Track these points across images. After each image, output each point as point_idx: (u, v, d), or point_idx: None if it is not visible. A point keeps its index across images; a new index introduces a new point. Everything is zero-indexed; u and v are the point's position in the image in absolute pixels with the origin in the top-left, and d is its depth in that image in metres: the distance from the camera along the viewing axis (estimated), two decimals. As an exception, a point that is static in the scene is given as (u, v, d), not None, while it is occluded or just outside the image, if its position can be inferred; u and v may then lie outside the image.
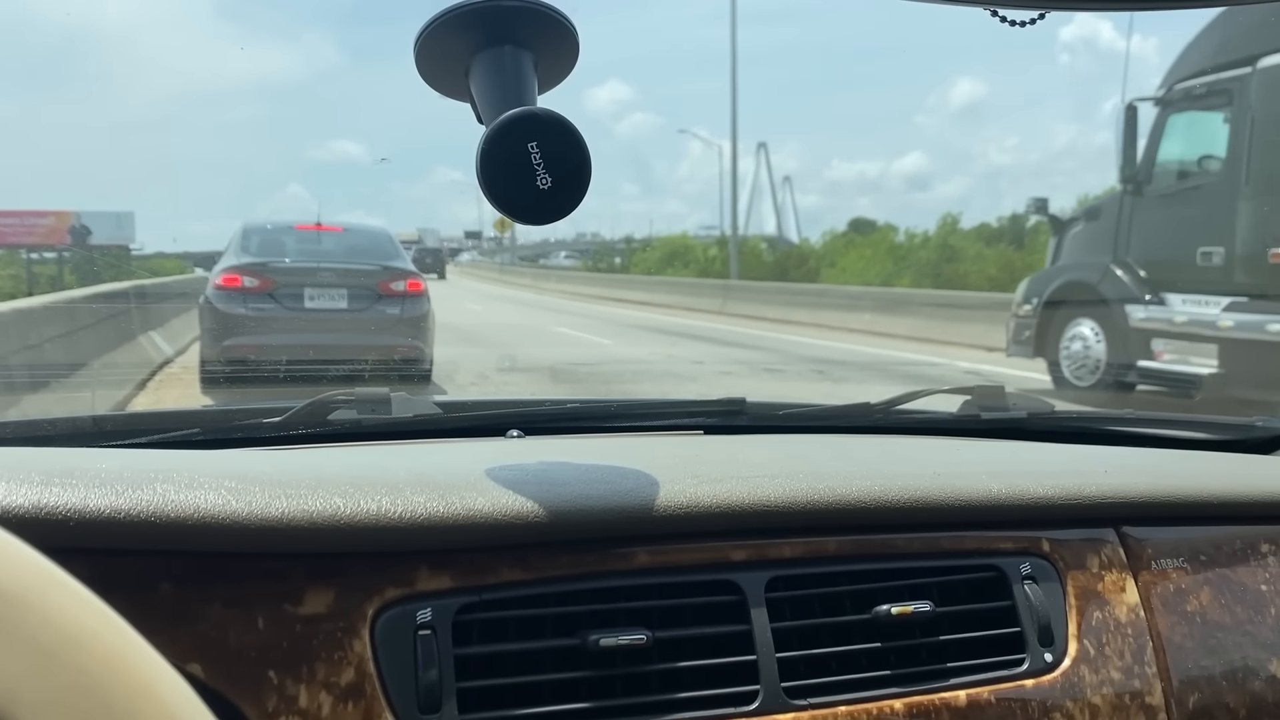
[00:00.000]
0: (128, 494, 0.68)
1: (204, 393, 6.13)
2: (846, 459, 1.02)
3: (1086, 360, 7.14)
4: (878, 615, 0.84)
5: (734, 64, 21.16)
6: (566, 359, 9.48)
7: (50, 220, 27.01)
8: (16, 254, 26.31)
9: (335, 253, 7.29)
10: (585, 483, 0.80)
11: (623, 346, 11.69)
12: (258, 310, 6.40)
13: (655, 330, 14.34)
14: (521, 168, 0.68)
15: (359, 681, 0.70)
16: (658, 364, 9.58)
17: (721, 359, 10.24)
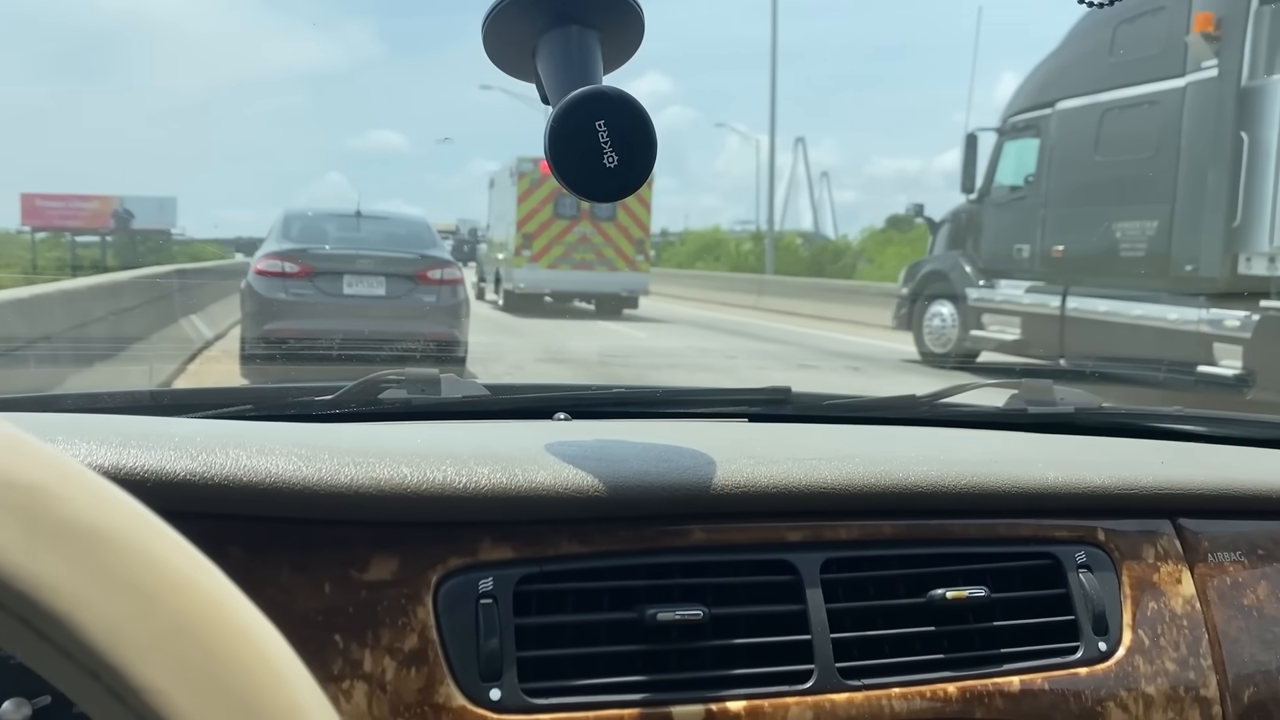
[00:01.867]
0: (202, 458, 0.70)
1: (243, 374, 6.34)
2: (900, 446, 1.02)
3: (943, 333, 9.19)
4: (932, 599, 0.84)
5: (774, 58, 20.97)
6: (602, 350, 9.51)
7: (94, 204, 27.46)
8: (61, 237, 26.76)
9: (374, 240, 7.39)
10: (644, 460, 0.81)
11: (657, 339, 11.66)
12: (297, 295, 6.53)
13: (688, 323, 14.23)
14: (588, 146, 0.68)
15: (422, 648, 0.72)
16: (691, 357, 9.53)
17: (755, 353, 10.18)
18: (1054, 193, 8.10)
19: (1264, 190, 6.51)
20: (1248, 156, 6.57)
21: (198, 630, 0.29)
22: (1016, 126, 8.59)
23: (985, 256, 8.88)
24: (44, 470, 0.30)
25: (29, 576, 0.28)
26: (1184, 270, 7.02)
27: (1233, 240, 6.71)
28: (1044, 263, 8.17)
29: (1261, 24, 6.65)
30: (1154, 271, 7.21)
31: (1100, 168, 7.76)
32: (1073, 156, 8.00)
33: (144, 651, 0.28)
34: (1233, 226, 6.70)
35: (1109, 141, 7.66)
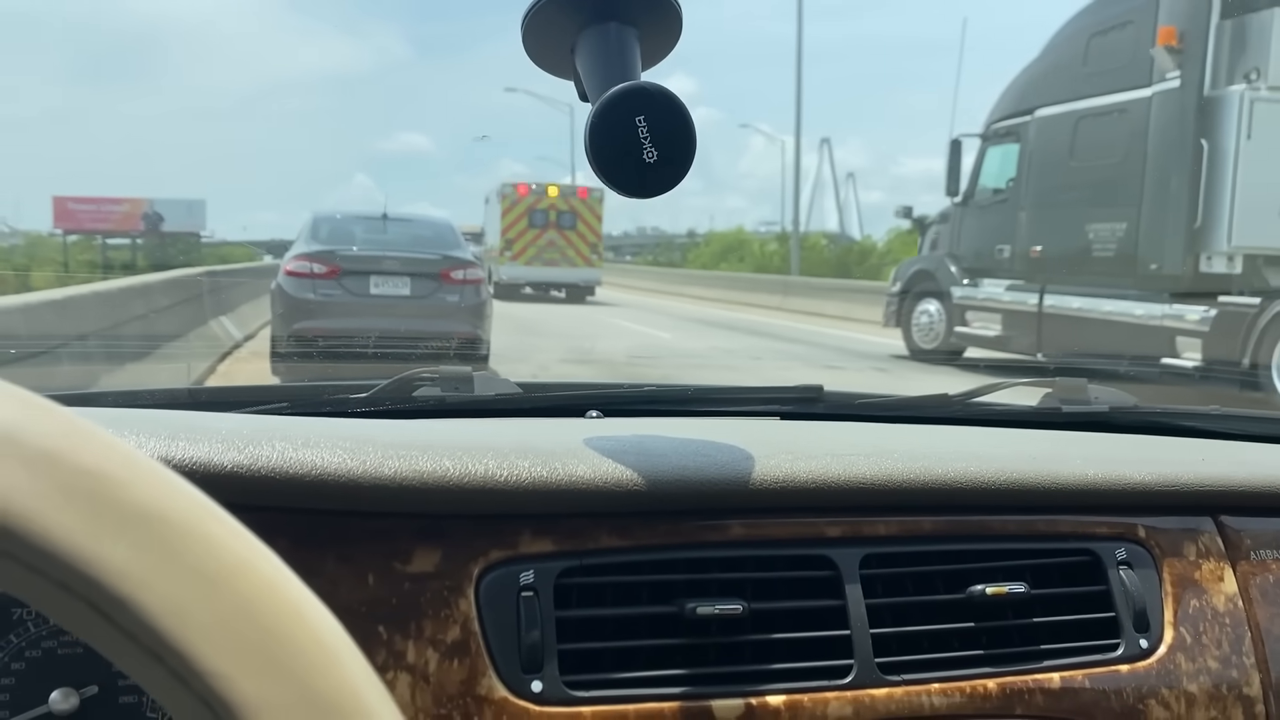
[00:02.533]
0: (249, 450, 0.70)
1: (274, 372, 6.39)
2: (936, 443, 1.02)
3: (930, 329, 9.70)
4: (971, 595, 0.84)
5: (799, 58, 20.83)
6: (627, 351, 9.49)
7: (125, 207, 27.74)
8: (92, 239, 27.08)
9: (400, 242, 7.58)
10: (682, 455, 0.81)
11: (681, 340, 11.60)
12: (325, 295, 6.73)
13: (713, 324, 14.19)
14: (628, 142, 0.69)
15: (464, 639, 0.72)
16: (716, 358, 9.49)
17: (780, 354, 10.13)
18: (1032, 196, 8.61)
19: (1222, 194, 6.99)
20: (1207, 162, 7.07)
21: (256, 613, 0.30)
22: (998, 132, 9.10)
23: (969, 256, 9.39)
24: (110, 457, 0.30)
25: (96, 560, 0.29)
26: (1150, 269, 7.48)
27: (1194, 241, 7.17)
28: (1023, 262, 8.69)
29: (1222, 37, 7.13)
30: (1123, 270, 7.68)
31: (1074, 172, 8.21)
32: (1049, 161, 8.45)
33: (205, 634, 0.29)
34: (1194, 228, 7.15)
35: (1082, 147, 8.15)
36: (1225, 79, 7.12)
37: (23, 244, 22.12)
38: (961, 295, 9.26)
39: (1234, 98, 6.99)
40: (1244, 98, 6.94)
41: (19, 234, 23.52)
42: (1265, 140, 6.91)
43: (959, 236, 9.56)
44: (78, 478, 0.29)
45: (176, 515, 0.30)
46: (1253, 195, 6.97)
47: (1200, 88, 7.13)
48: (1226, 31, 7.13)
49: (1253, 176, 6.96)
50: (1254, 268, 7.16)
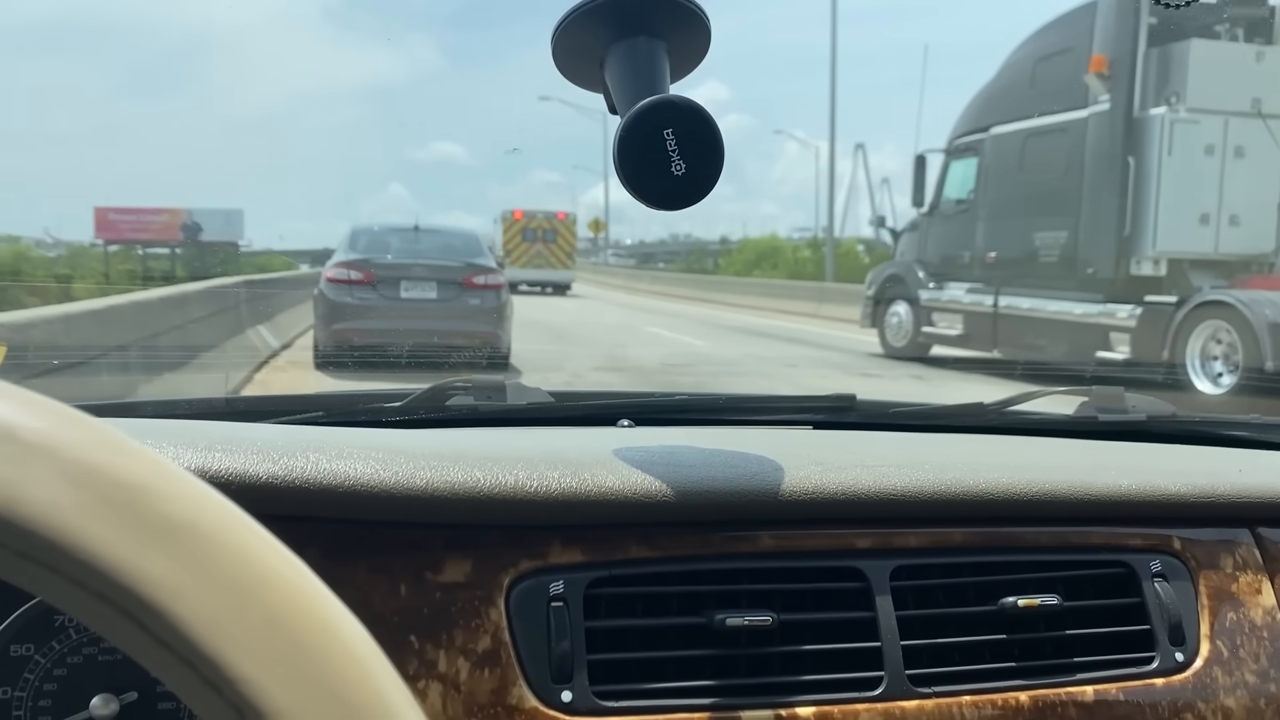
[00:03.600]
0: (283, 461, 0.72)
1: (317, 366, 7.39)
2: (969, 453, 1.01)
3: (900, 329, 10.59)
4: (1003, 607, 0.83)
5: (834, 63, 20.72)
6: (660, 359, 9.46)
7: (164, 217, 28.08)
8: (132, 249, 27.48)
9: (429, 250, 8.39)
10: (710, 466, 0.82)
11: (716, 347, 11.51)
12: (361, 299, 7.53)
13: (748, 332, 14.08)
14: (656, 154, 0.69)
15: (495, 649, 0.73)
16: (750, 365, 9.50)
17: (815, 361, 10.09)
18: (988, 206, 9.56)
19: (1147, 205, 7.97)
20: (1134, 177, 8.02)
21: (287, 623, 0.31)
22: (959, 148, 10.01)
23: (935, 262, 10.30)
24: (146, 470, 0.31)
25: (133, 570, 0.29)
26: (1087, 272, 8.42)
27: (1124, 247, 8.13)
28: (981, 267, 9.62)
29: (1149, 65, 8.04)
30: (1065, 274, 8.62)
31: (1024, 185, 9.14)
32: (1003, 175, 9.39)
33: (237, 642, 0.30)
34: (1123, 235, 8.10)
35: (1030, 163, 9.08)
36: (1150, 102, 8.02)
37: (65, 255, 22.46)
38: (927, 298, 10.18)
39: (1156, 119, 7.93)
40: (1165, 119, 7.85)
41: (61, 244, 23.87)
42: (1184, 157, 7.87)
43: (926, 244, 10.48)
44: (115, 490, 0.30)
45: (210, 527, 0.31)
46: (1174, 206, 7.92)
47: (1129, 110, 8.04)
48: (1153, 59, 8.01)
49: (1173, 189, 7.90)
50: (1179, 270, 8.05)
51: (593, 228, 41.60)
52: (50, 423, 0.31)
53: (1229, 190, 8.03)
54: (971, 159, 9.79)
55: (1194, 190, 7.94)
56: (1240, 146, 7.99)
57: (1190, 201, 7.94)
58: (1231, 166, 8.01)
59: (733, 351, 11.00)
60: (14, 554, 0.29)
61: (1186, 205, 7.94)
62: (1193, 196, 7.94)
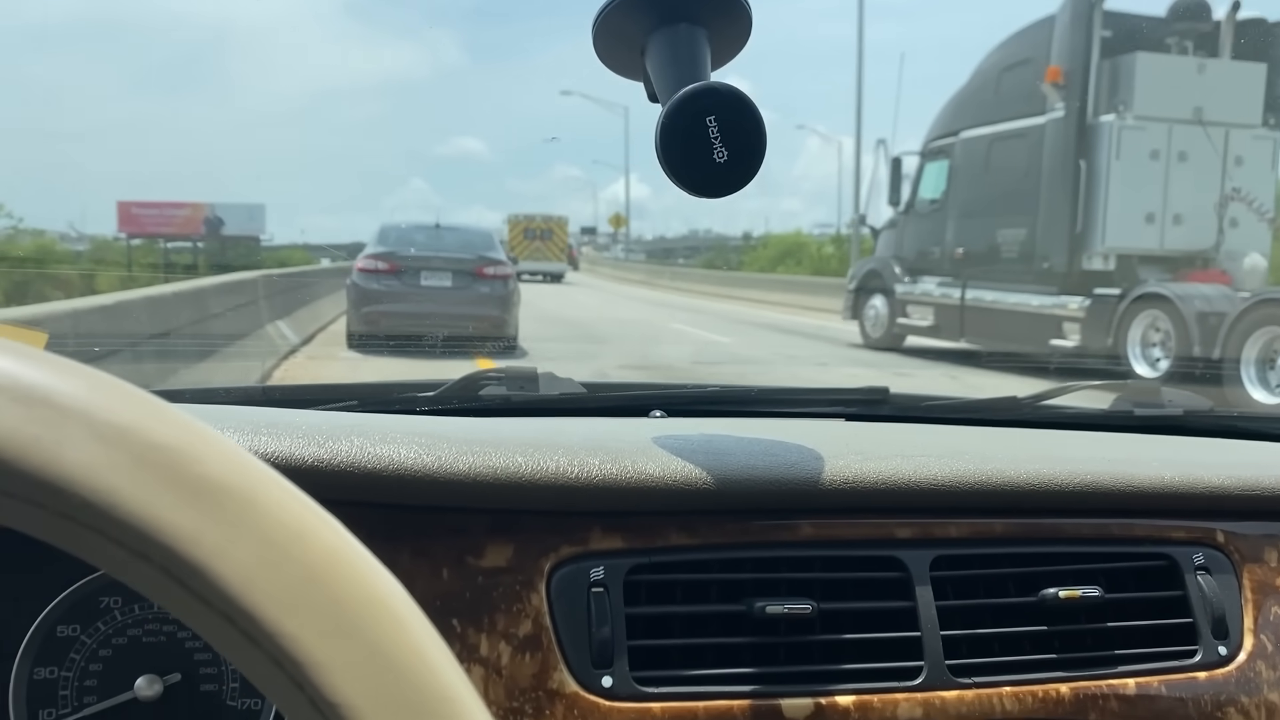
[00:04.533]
0: (328, 445, 0.70)
1: (350, 347, 8.17)
2: (1008, 445, 0.98)
3: (877, 321, 10.77)
4: (1044, 598, 0.80)
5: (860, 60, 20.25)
6: (688, 357, 9.16)
7: (186, 211, 27.73)
8: (155, 243, 27.12)
9: (447, 245, 9.24)
10: (750, 454, 0.79)
11: (742, 346, 10.99)
12: (386, 286, 8.42)
13: (774, 329, 13.40)
14: (699, 142, 0.66)
15: (536, 634, 0.71)
16: (779, 364, 9.14)
17: (845, 359, 9.77)
18: (957, 206, 9.81)
19: (1097, 205, 8.29)
20: (1085, 179, 8.32)
21: (321, 578, 0.31)
22: (932, 150, 10.26)
23: (910, 258, 10.50)
24: (182, 431, 0.31)
25: (170, 528, 0.29)
26: (1043, 267, 8.71)
27: (1075, 243, 8.43)
28: (950, 262, 9.84)
29: (1102, 75, 8.31)
30: (1024, 268, 8.94)
31: (989, 186, 9.42)
32: (970, 176, 9.67)
33: (275, 599, 0.30)
34: (1075, 233, 8.40)
35: (995, 165, 9.36)
36: (1101, 110, 8.32)
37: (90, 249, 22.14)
38: (902, 291, 10.42)
39: (1106, 126, 8.24)
40: (1114, 126, 8.18)
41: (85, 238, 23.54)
42: (1131, 161, 8.20)
43: (902, 241, 10.72)
44: (153, 451, 0.30)
45: (245, 486, 0.31)
46: (1122, 206, 8.24)
47: (1082, 117, 8.34)
48: (1105, 71, 8.29)
49: (1121, 190, 8.23)
50: (1127, 265, 8.38)
51: (613, 223, 41.87)
52: (81, 386, 0.30)
53: (1173, 191, 8.36)
54: (943, 161, 10.07)
55: (1140, 191, 8.28)
56: (1183, 151, 8.33)
57: (1137, 202, 8.28)
58: (1175, 170, 8.34)
59: (761, 349, 10.58)
60: (55, 514, 0.29)
61: (1133, 205, 8.28)
62: (1139, 197, 8.28)
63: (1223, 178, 8.23)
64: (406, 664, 0.30)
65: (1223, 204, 8.22)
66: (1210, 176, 8.22)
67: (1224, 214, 8.23)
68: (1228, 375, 6.94)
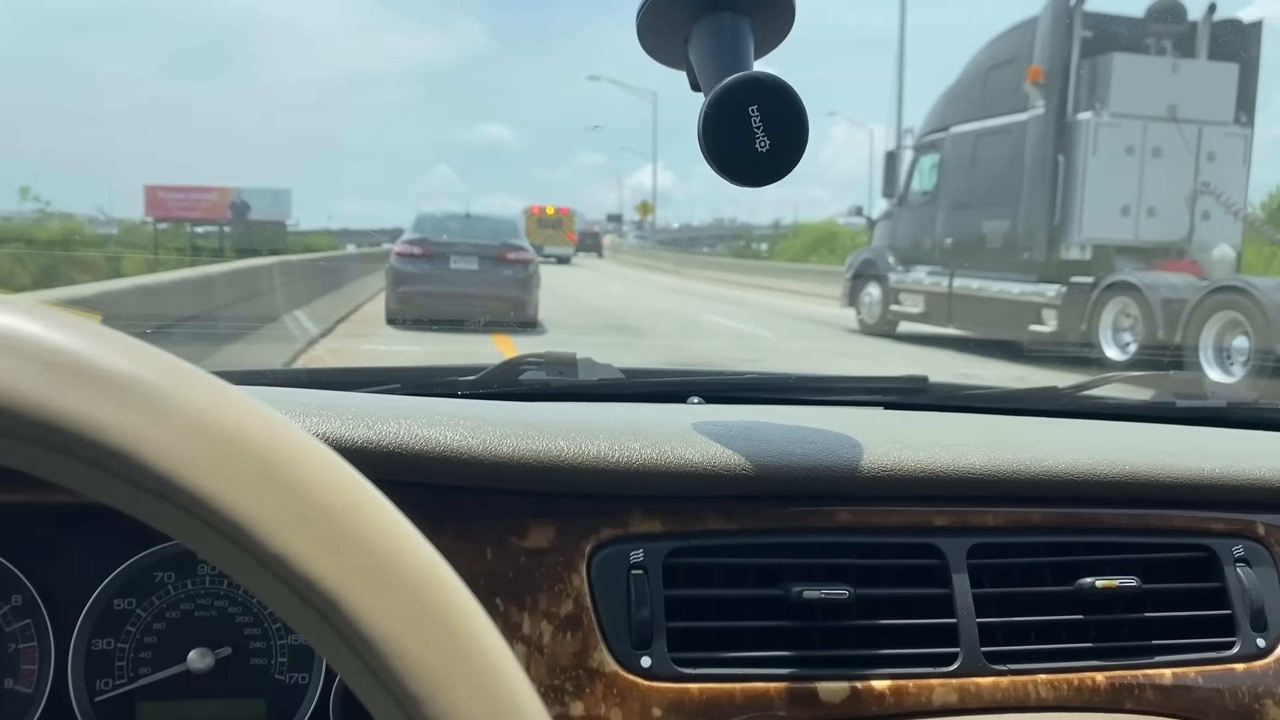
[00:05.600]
0: (377, 426, 0.70)
1: (387, 322, 9.02)
2: (1047, 434, 0.97)
3: (871, 308, 10.98)
4: (1081, 588, 0.79)
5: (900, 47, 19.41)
6: (728, 354, 8.77)
7: (213, 196, 27.49)
8: (182, 228, 26.89)
9: (475, 232, 10.06)
10: (788, 441, 0.78)
11: (785, 339, 10.55)
12: (420, 268, 9.37)
13: (815, 321, 12.58)
14: (741, 131, 0.64)
15: (577, 614, 0.71)
16: (826, 360, 8.70)
17: (900, 357, 9.33)
18: (947, 198, 10.05)
19: (1074, 198, 8.49)
20: (1064, 173, 8.52)
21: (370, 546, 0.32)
22: (925, 144, 10.51)
23: (904, 248, 10.76)
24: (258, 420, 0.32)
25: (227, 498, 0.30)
26: (1023, 257, 8.96)
27: (1054, 234, 8.66)
28: (940, 252, 10.09)
29: (1081, 74, 8.51)
30: (1006, 258, 9.18)
31: (975, 179, 9.64)
32: (959, 170, 9.90)
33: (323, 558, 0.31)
34: (1054, 224, 8.63)
35: (981, 159, 9.56)
36: (1080, 108, 8.52)
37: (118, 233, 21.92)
38: (895, 279, 10.68)
39: (1084, 123, 8.44)
40: (1091, 123, 8.37)
41: (114, 222, 23.33)
42: (1107, 156, 8.39)
43: (896, 231, 10.99)
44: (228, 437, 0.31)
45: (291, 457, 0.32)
46: (1098, 199, 8.45)
47: (1061, 114, 8.55)
48: (1084, 70, 8.49)
49: (1098, 184, 8.42)
50: (1104, 255, 8.59)
51: (640, 211, 42.30)
52: (164, 370, 0.31)
53: (1147, 185, 8.58)
54: (935, 155, 10.34)
55: (1116, 185, 8.52)
56: (1158, 147, 8.54)
57: (1112, 195, 8.53)
58: (1150, 165, 8.55)
59: (804, 344, 10.16)
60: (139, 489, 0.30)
61: (1109, 198, 8.53)
62: (1115, 190, 8.53)
63: (1195, 172, 8.49)
64: (445, 615, 0.32)
65: (1194, 197, 8.49)
66: (1183, 171, 8.48)
67: (1195, 207, 8.51)
68: (1188, 359, 7.25)
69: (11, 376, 0.29)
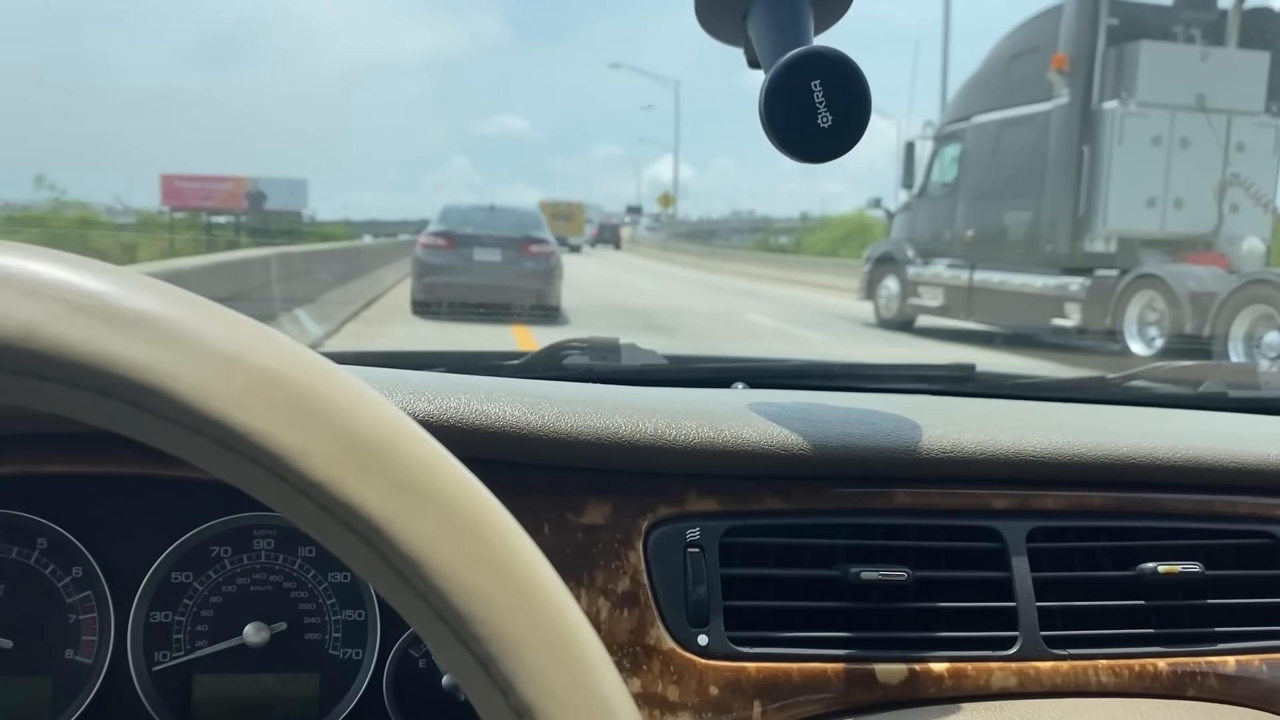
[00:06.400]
0: (439, 401, 0.71)
1: (414, 313, 9.10)
2: (1106, 419, 0.97)
3: (890, 301, 10.84)
4: (1142, 573, 0.79)
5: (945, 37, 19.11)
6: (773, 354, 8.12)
7: (229, 185, 27.60)
8: (198, 217, 27.00)
9: (498, 224, 10.31)
10: (847, 422, 0.79)
11: (842, 344, 9.90)
12: (444, 259, 9.58)
13: (860, 320, 11.59)
14: (804, 106, 0.64)
15: (634, 591, 0.71)
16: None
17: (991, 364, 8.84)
18: (968, 189, 9.91)
19: (1099, 189, 8.37)
20: (1088, 164, 8.39)
21: (456, 512, 0.32)
22: (946, 135, 10.36)
23: (922, 240, 10.65)
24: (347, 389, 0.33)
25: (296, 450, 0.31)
26: (1046, 249, 8.83)
27: (1078, 226, 8.53)
28: (960, 244, 9.98)
29: (1106, 63, 8.33)
30: (1028, 250, 9.05)
31: (997, 170, 9.48)
32: (980, 161, 9.74)
33: (415, 525, 0.31)
34: (1078, 216, 8.50)
35: (1003, 150, 9.40)
36: (1105, 97, 8.38)
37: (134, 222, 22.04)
38: (914, 272, 10.59)
39: (1109, 112, 8.30)
40: (1117, 112, 8.24)
41: (131, 211, 23.46)
42: (1133, 146, 8.23)
43: (915, 223, 10.85)
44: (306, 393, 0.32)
45: (381, 432, 0.33)
46: (1124, 190, 8.33)
47: (1086, 103, 8.39)
48: (1110, 58, 8.32)
49: (1124, 175, 8.30)
50: (1129, 248, 8.46)
51: (662, 202, 43.22)
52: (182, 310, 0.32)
53: (1174, 176, 8.46)
54: (956, 145, 10.21)
55: (1142, 176, 8.42)
56: (1185, 137, 8.41)
57: (1138, 186, 8.43)
58: (1177, 155, 8.43)
59: (869, 349, 9.58)
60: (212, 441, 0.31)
61: (1135, 189, 8.43)
62: (1141, 182, 8.43)
63: (1224, 163, 8.40)
64: (509, 564, 0.33)
65: (1223, 189, 8.41)
66: (1211, 162, 8.40)
67: (1224, 199, 8.42)
68: (1217, 352, 7.25)
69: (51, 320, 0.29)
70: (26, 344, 0.29)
